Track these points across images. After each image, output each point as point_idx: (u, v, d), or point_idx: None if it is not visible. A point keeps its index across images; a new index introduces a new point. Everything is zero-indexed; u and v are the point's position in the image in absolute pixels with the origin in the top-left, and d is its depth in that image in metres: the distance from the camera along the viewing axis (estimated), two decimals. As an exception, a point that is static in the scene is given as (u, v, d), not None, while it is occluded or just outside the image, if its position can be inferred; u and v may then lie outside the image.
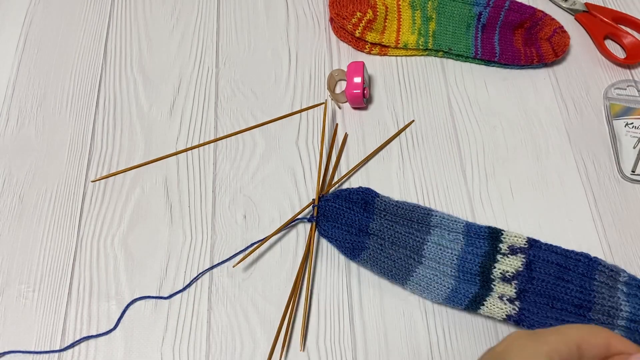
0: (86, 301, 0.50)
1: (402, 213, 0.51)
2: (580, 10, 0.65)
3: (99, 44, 0.65)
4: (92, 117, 0.60)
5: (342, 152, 0.57)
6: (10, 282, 0.51)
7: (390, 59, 0.63)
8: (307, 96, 0.60)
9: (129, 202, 0.55)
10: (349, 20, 0.60)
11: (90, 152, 0.58)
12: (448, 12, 0.61)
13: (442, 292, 0.47)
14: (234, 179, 0.56)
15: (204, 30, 0.65)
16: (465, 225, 0.50)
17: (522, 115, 0.59)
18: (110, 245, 0.52)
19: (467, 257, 0.49)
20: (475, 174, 0.55)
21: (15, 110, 0.60)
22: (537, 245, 0.49)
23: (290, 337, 0.48)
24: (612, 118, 0.57)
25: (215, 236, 0.53)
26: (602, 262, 0.47)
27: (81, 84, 0.62)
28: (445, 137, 0.58)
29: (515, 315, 0.46)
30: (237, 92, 0.61)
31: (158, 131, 0.59)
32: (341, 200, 0.51)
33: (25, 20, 0.67)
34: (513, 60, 0.60)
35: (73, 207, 0.54)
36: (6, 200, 0.55)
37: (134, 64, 0.63)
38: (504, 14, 0.60)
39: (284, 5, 0.67)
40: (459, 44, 0.61)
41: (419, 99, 0.60)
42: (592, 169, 0.55)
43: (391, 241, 0.50)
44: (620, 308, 0.45)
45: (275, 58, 0.63)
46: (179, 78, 0.62)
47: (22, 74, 0.63)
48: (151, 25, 0.66)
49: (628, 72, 0.61)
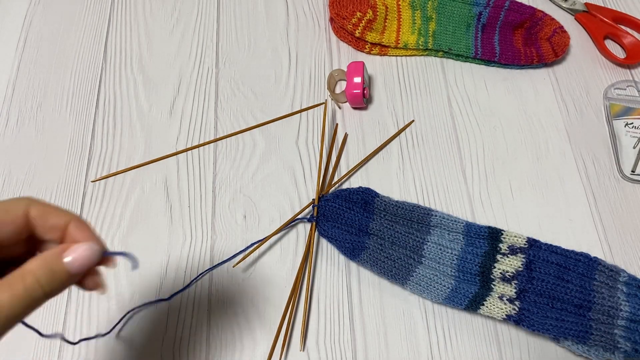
0: (86, 301, 0.50)
1: (402, 213, 0.51)
2: (580, 10, 0.65)
3: (99, 44, 0.65)
4: (92, 117, 0.60)
5: (342, 152, 0.57)
6: (10, 282, 0.51)
7: (390, 59, 0.63)
8: (307, 96, 0.60)
9: (129, 202, 0.55)
10: (349, 20, 0.60)
11: (90, 152, 0.58)
12: (448, 12, 0.61)
13: (442, 292, 0.47)
14: (234, 178, 0.56)
15: (204, 30, 0.65)
16: (465, 225, 0.50)
17: (522, 115, 0.59)
18: (110, 246, 0.52)
19: (467, 257, 0.49)
20: (475, 174, 0.55)
21: (15, 110, 0.60)
22: (537, 245, 0.49)
23: (290, 337, 0.48)
24: (612, 118, 0.57)
25: (215, 236, 0.53)
26: (602, 262, 0.47)
27: (81, 84, 0.62)
28: (445, 137, 0.58)
29: (515, 315, 0.46)
30: (237, 92, 0.61)
31: (158, 131, 0.59)
32: (341, 200, 0.51)
33: (25, 20, 0.67)
34: (513, 60, 0.60)
35: (73, 207, 0.54)
36: (6, 200, 0.55)
37: (134, 64, 0.63)
38: (504, 14, 0.60)
39: (284, 5, 0.67)
40: (459, 44, 0.61)
41: (419, 99, 0.60)
42: (592, 169, 0.55)
43: (391, 241, 0.50)
44: (620, 308, 0.45)
45: (275, 58, 0.63)
46: (179, 78, 0.62)
47: (22, 74, 0.63)
48: (151, 25, 0.66)
49: (628, 72, 0.61)
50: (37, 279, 0.25)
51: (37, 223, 0.28)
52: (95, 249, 0.27)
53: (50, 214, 0.28)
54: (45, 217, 0.28)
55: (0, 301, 0.24)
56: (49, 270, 0.26)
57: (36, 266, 0.26)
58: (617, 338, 0.43)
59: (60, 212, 0.28)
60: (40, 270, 0.26)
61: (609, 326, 0.44)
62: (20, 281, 0.25)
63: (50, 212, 0.28)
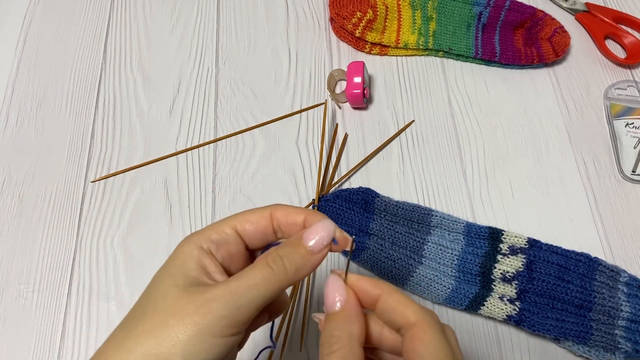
0: (86, 301, 0.50)
1: (402, 213, 0.51)
2: (581, 10, 0.65)
3: (98, 44, 0.65)
4: (91, 117, 0.60)
5: (342, 152, 0.57)
6: (10, 282, 0.51)
7: (390, 59, 0.63)
8: (307, 96, 0.60)
9: (128, 202, 0.54)
10: (349, 20, 0.60)
11: (90, 152, 0.58)
12: (448, 11, 0.61)
13: (442, 293, 0.47)
14: (234, 179, 0.56)
15: (204, 30, 0.65)
16: (466, 225, 0.50)
17: (523, 115, 0.59)
18: (110, 246, 0.52)
19: (467, 258, 0.49)
20: (476, 174, 0.55)
21: (15, 110, 0.60)
22: (537, 245, 0.49)
23: (291, 337, 0.48)
24: (612, 118, 0.57)
25: (215, 236, 0.53)
26: (602, 262, 0.47)
27: (81, 83, 0.62)
28: (446, 137, 0.57)
29: (516, 316, 0.46)
30: (237, 92, 0.61)
31: (158, 131, 0.59)
32: (341, 201, 0.51)
33: (25, 20, 0.67)
34: (513, 60, 0.60)
35: (73, 207, 0.54)
36: (6, 200, 0.55)
37: (134, 64, 0.63)
38: (505, 14, 0.60)
39: (284, 5, 0.67)
40: (459, 44, 0.60)
41: (419, 99, 0.60)
42: (592, 169, 0.55)
43: (391, 241, 0.50)
44: (620, 308, 0.44)
45: (275, 58, 0.63)
46: (178, 78, 0.62)
47: (22, 74, 0.63)
48: (151, 25, 0.66)
49: (628, 72, 0.61)
50: (282, 261, 0.28)
51: (281, 221, 0.30)
52: (328, 226, 0.29)
53: (291, 213, 0.30)
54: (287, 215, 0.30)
55: (256, 283, 0.27)
56: (293, 252, 0.28)
57: (282, 250, 0.28)
58: (618, 338, 0.43)
59: (298, 210, 0.30)
60: (285, 253, 0.28)
61: (609, 326, 0.44)
62: (268, 265, 0.27)
63: (290, 211, 0.30)
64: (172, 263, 0.29)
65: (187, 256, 0.28)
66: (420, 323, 0.27)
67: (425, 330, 0.27)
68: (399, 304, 0.28)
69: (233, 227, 0.29)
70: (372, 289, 0.29)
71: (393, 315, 0.28)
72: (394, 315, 0.28)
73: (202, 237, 0.29)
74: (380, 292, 0.28)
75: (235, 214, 0.30)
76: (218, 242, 0.29)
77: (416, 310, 0.27)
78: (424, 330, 0.27)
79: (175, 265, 0.28)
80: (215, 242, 0.29)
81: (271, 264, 0.27)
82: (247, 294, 0.26)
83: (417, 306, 0.28)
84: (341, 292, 0.29)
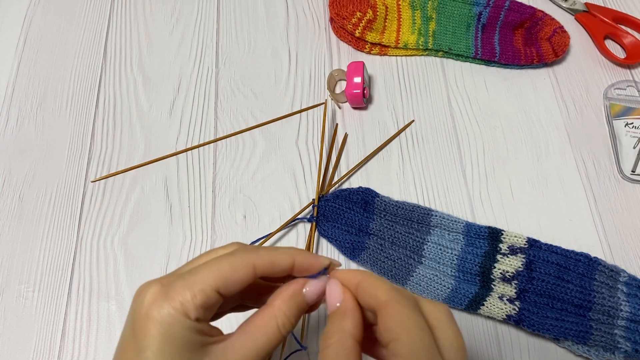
0: (86, 301, 0.50)
1: (402, 213, 0.51)
2: (581, 10, 0.65)
3: (98, 44, 0.65)
4: (92, 117, 0.60)
5: (342, 152, 0.57)
6: (10, 282, 0.51)
7: (390, 59, 0.63)
8: (307, 96, 0.60)
9: (128, 202, 0.54)
10: (349, 20, 0.60)
11: (90, 152, 0.58)
12: (448, 12, 0.61)
13: (442, 292, 0.47)
14: (234, 179, 0.56)
15: (204, 30, 0.65)
16: (465, 225, 0.50)
17: (522, 115, 0.59)
18: (110, 245, 0.52)
19: (467, 257, 0.49)
20: (475, 174, 0.55)
21: (15, 110, 0.60)
22: (537, 245, 0.49)
23: (291, 335, 0.48)
24: (612, 118, 0.57)
25: (215, 236, 0.53)
26: (602, 262, 0.47)
27: (81, 83, 0.62)
28: (445, 137, 0.58)
29: (516, 316, 0.46)
30: (237, 92, 0.61)
31: (158, 131, 0.59)
32: (341, 200, 0.51)
33: (25, 20, 0.67)
34: (513, 60, 0.60)
35: (73, 207, 0.54)
36: (6, 200, 0.55)
37: (134, 64, 0.63)
38: (504, 14, 0.60)
39: (284, 5, 0.67)
40: (459, 44, 0.61)
41: (419, 99, 0.60)
42: (592, 169, 0.55)
43: (391, 241, 0.50)
44: (620, 308, 0.45)
45: (275, 58, 0.63)
46: (178, 78, 0.62)
47: (22, 74, 0.63)
48: (151, 25, 0.66)
49: (628, 72, 0.61)
50: (286, 315, 0.30)
51: (296, 269, 0.31)
52: (324, 281, 0.31)
53: (309, 259, 0.31)
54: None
55: (271, 339, 0.29)
56: (294, 305, 0.30)
57: (285, 305, 0.30)
58: (618, 338, 0.43)
59: (317, 257, 0.31)
60: (287, 307, 0.30)
61: (609, 326, 0.44)
62: (274, 321, 0.30)
63: (309, 258, 0.31)
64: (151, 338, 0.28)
65: (172, 329, 0.28)
66: (390, 300, 0.28)
67: (393, 306, 0.27)
68: (372, 286, 0.29)
69: (215, 289, 0.28)
70: (352, 278, 0.30)
71: (368, 299, 0.29)
72: (368, 298, 0.29)
73: (183, 302, 0.28)
74: (359, 279, 0.29)
75: (207, 262, 0.30)
76: (204, 306, 0.28)
77: (386, 290, 0.28)
78: (392, 306, 0.27)
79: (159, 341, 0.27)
80: (202, 306, 0.28)
81: (278, 319, 0.30)
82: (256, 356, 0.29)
83: (389, 286, 0.28)
84: (338, 292, 0.30)
